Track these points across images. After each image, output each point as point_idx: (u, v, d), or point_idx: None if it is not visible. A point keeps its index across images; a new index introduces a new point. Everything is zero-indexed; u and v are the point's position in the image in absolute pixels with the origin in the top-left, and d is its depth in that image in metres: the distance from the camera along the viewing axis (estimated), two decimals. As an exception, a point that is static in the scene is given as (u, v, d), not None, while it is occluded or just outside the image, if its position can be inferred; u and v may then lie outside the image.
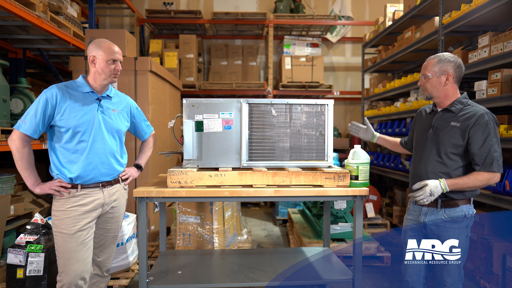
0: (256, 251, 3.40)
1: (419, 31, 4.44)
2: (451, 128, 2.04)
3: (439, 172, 2.06)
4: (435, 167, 2.07)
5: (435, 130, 2.11)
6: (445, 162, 2.05)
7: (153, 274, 2.60)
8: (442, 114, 2.12)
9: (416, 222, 2.18)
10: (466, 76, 3.76)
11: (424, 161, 2.12)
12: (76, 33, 4.29)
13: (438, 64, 2.07)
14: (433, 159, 2.08)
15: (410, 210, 2.25)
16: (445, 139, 2.05)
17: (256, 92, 6.83)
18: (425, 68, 2.12)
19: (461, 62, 2.09)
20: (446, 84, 2.07)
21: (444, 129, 2.07)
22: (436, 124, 2.11)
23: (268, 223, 5.72)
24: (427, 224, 2.11)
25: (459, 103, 2.08)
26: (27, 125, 2.02)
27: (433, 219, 2.09)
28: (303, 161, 2.52)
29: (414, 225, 2.19)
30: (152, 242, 4.12)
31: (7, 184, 3.41)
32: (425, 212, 2.12)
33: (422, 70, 2.15)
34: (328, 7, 7.53)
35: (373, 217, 4.78)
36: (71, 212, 2.08)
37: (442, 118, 2.10)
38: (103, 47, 2.12)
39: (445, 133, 2.06)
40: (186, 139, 2.43)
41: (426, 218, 2.11)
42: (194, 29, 7.26)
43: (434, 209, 2.09)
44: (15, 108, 3.70)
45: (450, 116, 2.08)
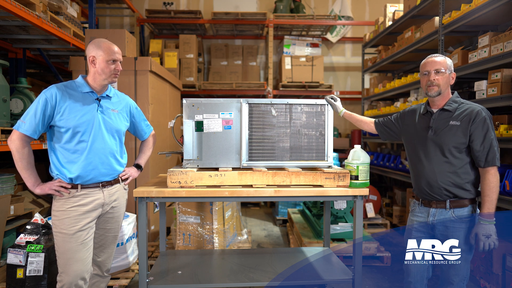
0: (256, 251, 3.39)
1: (419, 31, 4.44)
2: (451, 127, 2.05)
3: (447, 172, 2.07)
4: (442, 167, 2.08)
5: (434, 131, 2.11)
6: (451, 161, 2.06)
7: (153, 274, 2.60)
8: (439, 114, 2.12)
9: (423, 223, 2.17)
10: (466, 76, 3.77)
11: (429, 163, 2.12)
12: (76, 33, 4.29)
13: (448, 63, 2.12)
14: (439, 159, 2.09)
15: (416, 211, 2.23)
16: (447, 139, 2.05)
17: (256, 92, 6.83)
18: (437, 64, 2.09)
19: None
20: (451, 83, 2.13)
21: (444, 129, 2.07)
22: (434, 125, 2.11)
23: (268, 223, 5.72)
24: (435, 224, 2.11)
25: (453, 102, 2.11)
26: (26, 125, 2.01)
27: (441, 220, 2.09)
28: (303, 161, 2.52)
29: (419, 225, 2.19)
30: (152, 242, 4.12)
31: (7, 184, 3.42)
32: (434, 214, 2.12)
33: (433, 65, 2.10)
34: (328, 7, 7.53)
35: (373, 217, 4.78)
36: (71, 212, 2.07)
37: (440, 118, 2.11)
38: (102, 47, 2.12)
39: (446, 133, 2.06)
40: (186, 139, 2.43)
41: (435, 219, 2.11)
42: (194, 29, 7.26)
43: (443, 210, 2.09)
44: (15, 108, 3.70)
45: (448, 115, 2.09)
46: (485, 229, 1.96)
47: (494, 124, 3.27)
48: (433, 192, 2.11)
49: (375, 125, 2.51)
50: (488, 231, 1.95)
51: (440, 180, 2.07)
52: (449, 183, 2.06)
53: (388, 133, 2.44)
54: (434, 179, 2.09)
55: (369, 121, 2.56)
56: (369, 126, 2.55)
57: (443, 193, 2.08)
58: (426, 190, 2.14)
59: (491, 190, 1.98)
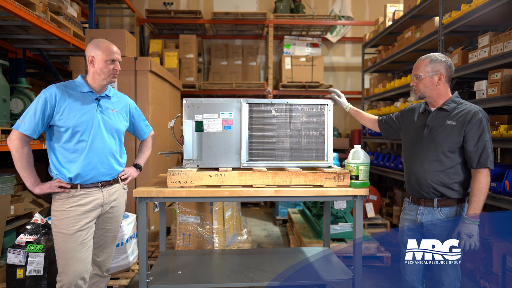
0: (256, 251, 3.39)
1: (419, 31, 4.44)
2: (447, 127, 2.06)
3: (437, 170, 2.07)
4: (433, 166, 2.08)
5: (430, 129, 2.12)
6: (442, 160, 2.06)
7: (153, 274, 2.60)
8: (436, 113, 2.12)
9: (413, 221, 2.19)
10: (466, 76, 3.77)
11: (420, 160, 2.13)
12: (76, 33, 4.29)
13: (431, 64, 2.09)
14: (430, 158, 2.09)
15: (406, 209, 2.26)
16: (442, 138, 2.06)
17: (256, 92, 6.83)
18: (417, 69, 2.13)
19: (451, 62, 2.11)
20: (439, 84, 2.09)
21: (439, 128, 2.08)
22: (431, 124, 2.12)
23: (268, 223, 5.72)
24: (424, 223, 2.12)
25: (452, 102, 2.10)
26: (26, 125, 2.01)
27: (429, 219, 2.11)
28: (303, 161, 2.52)
29: (411, 225, 2.21)
30: (152, 242, 4.12)
31: (7, 184, 3.41)
32: (422, 212, 2.14)
33: (413, 70, 2.16)
34: (328, 7, 7.53)
35: (373, 217, 4.77)
36: (71, 212, 2.07)
37: (437, 117, 2.11)
38: (101, 47, 2.12)
39: (441, 132, 2.07)
40: (186, 139, 2.43)
41: (423, 217, 2.13)
42: (194, 29, 7.26)
43: (430, 208, 2.11)
44: (15, 108, 3.70)
45: (445, 115, 2.09)
46: (468, 228, 1.96)
47: (494, 124, 3.27)
48: (422, 190, 2.12)
49: (378, 123, 2.53)
50: (471, 231, 1.95)
51: (429, 178, 2.08)
52: (437, 181, 2.07)
53: (389, 131, 2.47)
54: (424, 176, 2.10)
55: (373, 119, 2.57)
56: (373, 124, 2.57)
57: (431, 191, 2.09)
58: (415, 187, 2.16)
59: (479, 191, 1.96)
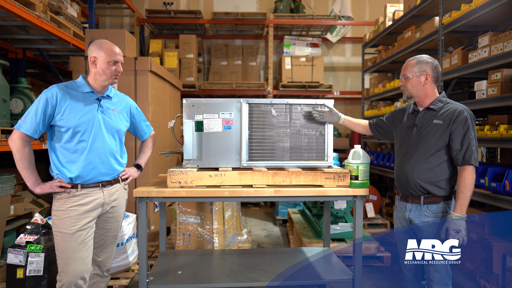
0: (256, 251, 3.39)
1: (419, 31, 4.44)
2: (434, 126, 2.10)
3: (424, 168, 2.11)
4: (420, 164, 2.13)
5: (419, 129, 2.16)
6: (429, 158, 2.11)
7: (153, 274, 2.60)
8: (424, 113, 2.17)
9: (403, 218, 2.24)
10: (466, 76, 3.77)
11: (409, 159, 2.18)
12: (76, 33, 4.29)
13: (417, 65, 2.15)
14: (418, 156, 2.14)
15: (397, 206, 2.31)
16: (429, 137, 2.11)
17: (256, 92, 6.83)
18: (405, 69, 2.20)
19: (438, 63, 2.18)
20: (426, 84, 2.15)
21: (427, 127, 2.13)
22: (419, 123, 2.17)
23: (268, 223, 5.72)
24: (413, 221, 2.17)
25: (439, 101, 2.15)
26: (27, 125, 2.02)
27: (417, 216, 2.15)
28: (303, 161, 2.52)
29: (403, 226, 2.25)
30: (152, 242, 4.12)
31: (7, 184, 3.42)
32: (410, 208, 2.18)
33: (402, 71, 2.22)
34: (328, 7, 7.53)
35: (373, 217, 4.78)
36: (71, 211, 2.08)
37: (425, 117, 2.16)
38: (104, 48, 2.12)
39: (429, 131, 2.12)
40: (186, 139, 2.44)
41: (411, 214, 2.17)
42: (194, 29, 7.26)
43: (418, 205, 2.15)
44: (15, 108, 3.70)
45: (432, 114, 2.14)
46: (455, 224, 1.99)
47: (494, 124, 3.27)
48: (409, 187, 2.17)
49: (369, 127, 2.55)
50: (458, 226, 1.99)
51: (417, 176, 2.12)
52: (424, 179, 2.11)
53: (381, 133, 2.51)
54: (412, 174, 2.14)
55: (365, 124, 2.59)
56: (365, 128, 2.59)
57: (418, 189, 2.13)
58: (404, 185, 2.20)
59: (465, 188, 2.00)
